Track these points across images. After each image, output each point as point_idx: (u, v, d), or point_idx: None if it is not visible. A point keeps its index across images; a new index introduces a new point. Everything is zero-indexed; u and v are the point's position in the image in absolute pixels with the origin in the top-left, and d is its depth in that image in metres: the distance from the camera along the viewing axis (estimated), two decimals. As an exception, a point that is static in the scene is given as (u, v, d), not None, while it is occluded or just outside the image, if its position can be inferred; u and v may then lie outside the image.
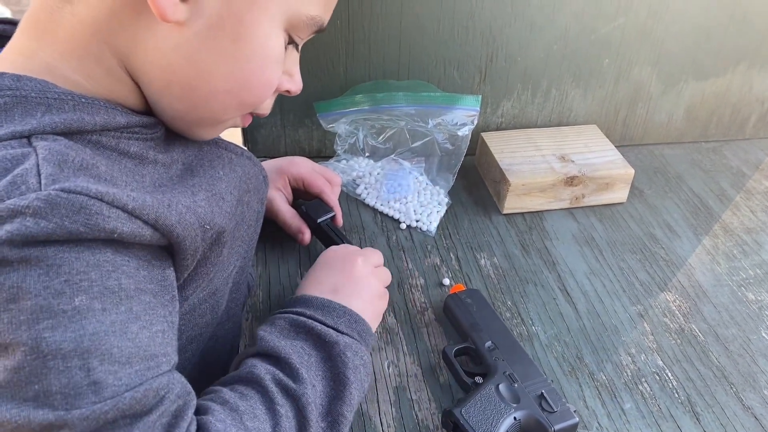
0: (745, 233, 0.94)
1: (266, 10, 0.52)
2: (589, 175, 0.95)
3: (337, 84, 0.99)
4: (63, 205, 0.43)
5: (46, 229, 0.42)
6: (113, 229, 0.45)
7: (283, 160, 0.89)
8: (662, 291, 0.84)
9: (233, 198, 0.60)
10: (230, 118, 0.59)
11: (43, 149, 0.45)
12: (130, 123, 0.53)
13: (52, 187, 0.43)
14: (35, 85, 0.49)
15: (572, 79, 1.04)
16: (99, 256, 0.45)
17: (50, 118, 0.48)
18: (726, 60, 1.07)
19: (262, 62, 0.55)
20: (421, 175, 0.98)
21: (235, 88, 0.55)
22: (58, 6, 0.50)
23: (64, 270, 0.43)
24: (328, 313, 0.64)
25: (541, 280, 0.85)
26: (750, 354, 0.76)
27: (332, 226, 0.85)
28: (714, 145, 1.15)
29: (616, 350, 0.76)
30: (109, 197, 0.45)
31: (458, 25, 0.95)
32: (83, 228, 0.44)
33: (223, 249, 0.59)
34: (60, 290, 0.43)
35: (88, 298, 0.44)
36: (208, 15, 0.51)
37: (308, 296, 0.67)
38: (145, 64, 0.52)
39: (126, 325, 0.45)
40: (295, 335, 0.62)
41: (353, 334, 0.63)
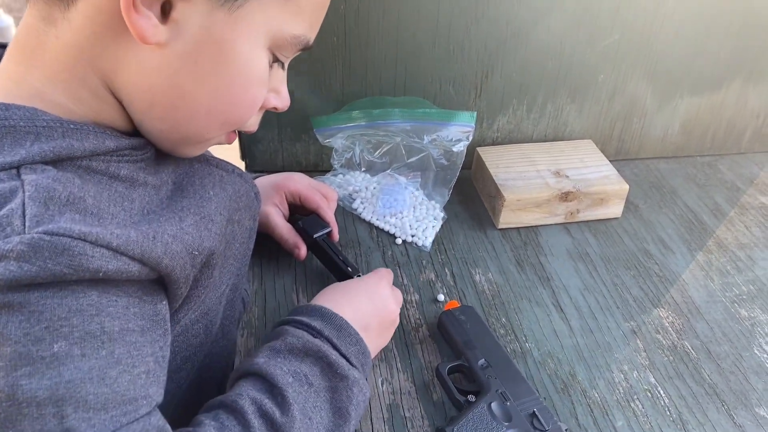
0: (738, 249, 0.95)
1: (247, 31, 0.53)
2: (583, 190, 0.95)
3: (334, 99, 1.00)
4: (46, 248, 0.43)
5: (29, 273, 0.42)
6: (98, 268, 0.45)
7: (279, 175, 0.90)
8: (655, 307, 0.84)
9: (223, 218, 0.60)
10: (214, 136, 0.59)
11: (30, 185, 0.46)
12: (119, 146, 0.53)
13: (35, 229, 0.43)
14: (24, 113, 0.49)
15: (567, 94, 1.05)
16: (83, 300, 0.45)
17: (39, 147, 0.48)
18: (721, 75, 1.07)
19: (244, 83, 0.55)
20: (417, 190, 0.99)
21: (217, 109, 0.55)
22: (44, 30, 0.51)
23: (46, 316, 0.43)
24: (343, 337, 0.64)
25: (536, 296, 0.85)
26: (742, 371, 0.76)
27: (328, 242, 0.86)
28: (709, 159, 1.16)
29: (608, 367, 0.76)
30: (93, 237, 0.45)
31: (454, 42, 0.96)
32: (67, 270, 0.44)
33: (214, 271, 0.60)
34: (40, 337, 0.43)
35: (67, 344, 0.44)
36: (189, 36, 0.51)
37: (328, 311, 0.65)
38: (128, 85, 0.53)
39: (105, 370, 0.45)
40: (303, 357, 0.60)
41: (360, 368, 0.63)
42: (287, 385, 0.57)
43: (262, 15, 0.53)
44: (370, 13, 0.93)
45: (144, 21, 0.48)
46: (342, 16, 0.93)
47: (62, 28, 0.51)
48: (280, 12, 0.54)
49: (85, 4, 0.49)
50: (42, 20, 0.51)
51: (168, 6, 0.50)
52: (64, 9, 0.50)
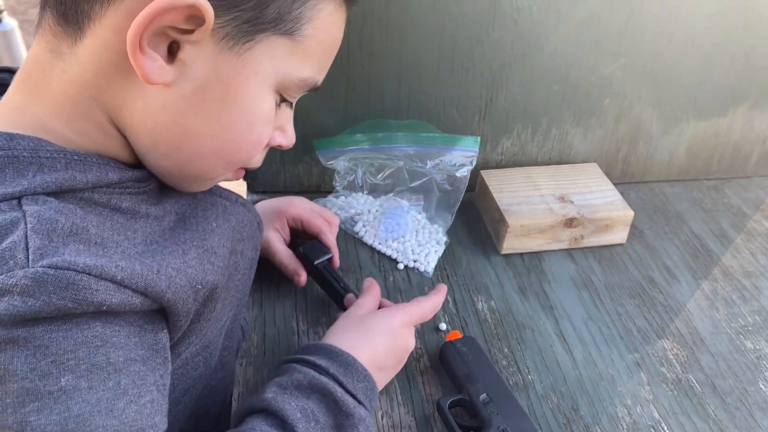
0: (744, 277, 0.94)
1: (254, 73, 0.52)
2: (588, 216, 0.94)
3: (337, 121, 0.99)
4: (50, 282, 0.43)
5: (33, 308, 0.42)
6: (102, 302, 0.45)
7: (281, 200, 0.89)
8: (660, 338, 0.83)
9: (226, 250, 0.60)
10: (218, 175, 0.59)
11: (33, 216, 0.45)
12: (122, 179, 0.53)
13: (39, 263, 0.43)
14: (27, 143, 0.49)
15: (572, 118, 1.04)
16: (87, 332, 0.45)
17: (42, 178, 0.48)
18: (728, 100, 1.06)
19: (250, 124, 0.55)
20: (419, 214, 0.98)
21: (221, 150, 0.55)
22: (50, 63, 0.51)
23: (52, 350, 0.43)
24: (349, 374, 0.63)
25: (539, 325, 0.84)
26: (747, 407, 0.75)
27: (329, 268, 0.85)
28: (715, 182, 1.15)
29: (612, 401, 0.75)
30: (97, 270, 0.45)
31: (458, 65, 0.95)
32: (71, 304, 0.43)
33: (216, 304, 0.59)
34: (47, 371, 0.43)
35: (74, 377, 0.44)
36: (196, 78, 0.50)
37: (335, 348, 0.64)
38: (133, 123, 0.52)
39: (112, 402, 0.45)
40: (309, 394, 0.60)
41: (367, 404, 0.62)
42: (297, 420, 0.56)
43: (270, 58, 0.52)
44: (374, 34, 0.92)
45: (149, 62, 0.48)
46: (346, 37, 0.91)
47: (69, 62, 0.50)
48: (288, 55, 0.53)
49: (93, 40, 0.49)
50: (49, 52, 0.51)
51: (175, 46, 0.49)
52: (72, 44, 0.50)
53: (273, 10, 0.50)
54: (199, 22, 0.48)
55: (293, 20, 0.52)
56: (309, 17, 0.53)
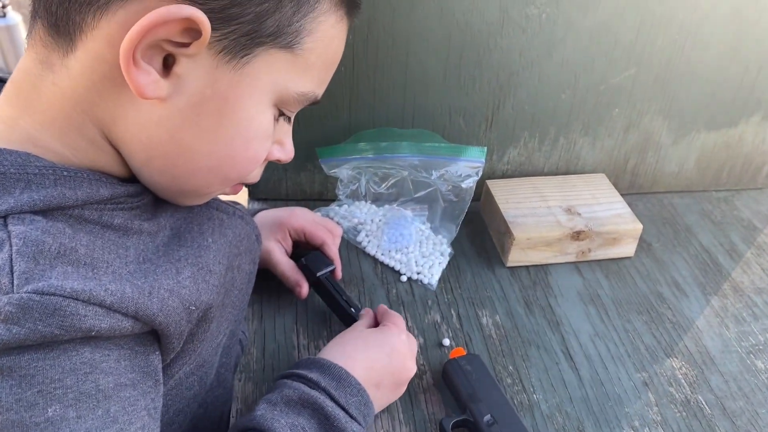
0: (755, 294, 0.92)
1: (252, 88, 0.50)
2: (596, 229, 0.93)
3: (341, 130, 0.97)
4: (36, 309, 0.41)
5: (18, 335, 0.40)
6: (90, 327, 0.43)
7: (283, 211, 0.87)
8: (668, 357, 0.81)
9: (222, 267, 0.58)
10: (215, 191, 0.58)
11: (18, 238, 0.43)
12: (114, 194, 0.51)
13: (24, 288, 0.41)
14: (15, 159, 0.47)
15: (581, 127, 1.02)
16: (75, 359, 0.43)
17: (29, 196, 0.46)
18: (739, 111, 1.04)
19: (247, 140, 0.53)
20: (423, 225, 0.96)
21: (217, 166, 0.53)
22: (41, 75, 0.49)
23: (38, 380, 0.41)
24: (342, 388, 0.62)
25: (544, 342, 0.82)
26: (758, 430, 0.73)
27: (331, 280, 0.83)
28: (725, 194, 1.13)
29: (618, 423, 0.73)
30: (85, 295, 0.43)
31: (465, 73, 0.93)
32: (58, 330, 0.42)
33: (211, 324, 0.58)
34: (33, 402, 0.41)
35: (62, 407, 0.42)
36: (192, 92, 0.48)
37: (326, 362, 0.64)
38: (126, 137, 0.50)
39: (102, 431, 0.44)
40: (300, 410, 0.60)
41: (360, 419, 0.61)
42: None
43: (269, 72, 0.50)
44: (380, 43, 0.90)
45: (143, 76, 0.46)
46: (351, 45, 0.90)
47: (60, 74, 0.48)
48: (287, 69, 0.51)
49: (85, 53, 0.47)
50: (40, 64, 0.49)
51: (171, 59, 0.47)
52: (63, 55, 0.48)
53: (272, 23, 0.48)
54: (195, 35, 0.46)
55: (293, 33, 0.50)
56: (309, 30, 0.51)
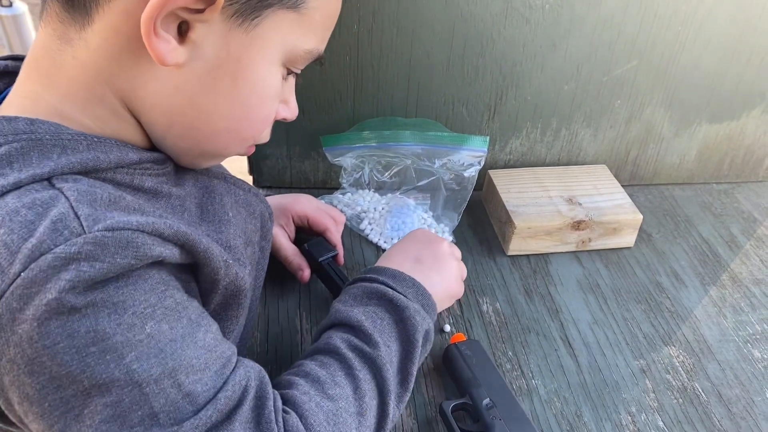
0: (753, 285, 0.93)
1: (264, 49, 0.53)
2: (596, 219, 0.93)
3: (345, 118, 0.98)
4: (111, 244, 0.44)
5: (102, 270, 0.43)
6: (159, 254, 0.47)
7: (287, 197, 0.88)
8: (666, 345, 0.83)
9: (240, 242, 0.60)
10: (233, 152, 0.60)
11: (71, 191, 0.46)
12: (142, 159, 0.54)
13: (95, 228, 0.44)
14: (48, 127, 0.49)
15: (583, 118, 1.02)
16: (150, 281, 0.47)
17: (66, 159, 0.48)
18: (741, 104, 1.05)
19: (261, 99, 0.56)
20: (425, 213, 0.97)
21: (235, 126, 0.56)
22: (60, 50, 0.51)
23: (129, 304, 0.45)
24: (398, 281, 0.69)
25: (544, 329, 0.83)
26: (753, 417, 0.74)
27: (333, 266, 0.84)
28: (726, 187, 1.13)
29: (616, 408, 0.74)
30: (149, 227, 0.46)
31: (468, 63, 0.94)
32: (134, 260, 0.45)
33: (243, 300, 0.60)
34: (131, 323, 0.45)
35: (155, 322, 0.46)
36: (207, 57, 0.51)
37: (380, 267, 0.72)
38: (147, 105, 0.53)
39: (193, 335, 0.49)
40: (368, 300, 0.67)
41: (417, 304, 0.68)
42: (362, 321, 0.64)
43: (278, 32, 0.53)
44: (384, 33, 0.91)
45: (164, 44, 0.48)
46: (355, 35, 0.91)
47: (78, 47, 0.50)
48: (294, 29, 0.54)
49: (102, 25, 0.49)
50: (57, 39, 0.51)
51: (185, 26, 0.49)
52: (80, 29, 0.50)
53: None
54: (209, 1, 0.48)
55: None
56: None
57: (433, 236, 0.80)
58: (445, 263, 0.76)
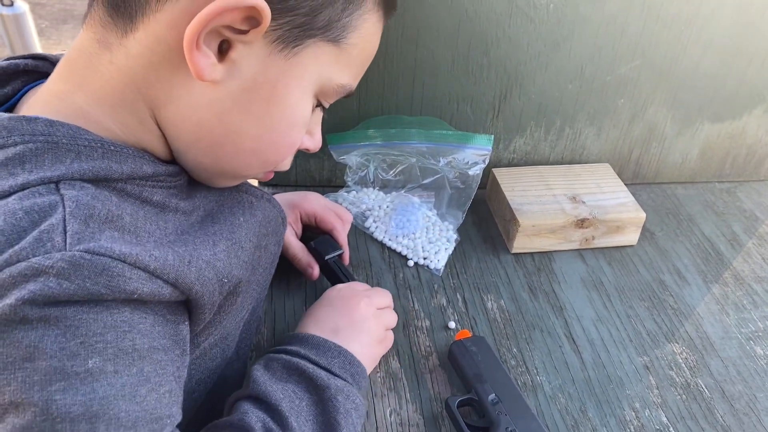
0: (755, 282, 0.93)
1: (300, 78, 0.54)
2: (599, 217, 0.94)
3: (350, 116, 0.99)
4: (86, 267, 0.43)
5: (68, 290, 0.43)
6: (134, 290, 0.46)
7: (296, 194, 0.89)
8: (669, 342, 0.83)
9: (251, 245, 0.61)
10: (252, 175, 0.61)
11: (71, 201, 0.46)
12: (156, 172, 0.54)
13: (76, 247, 0.44)
14: (67, 131, 0.49)
15: (586, 117, 1.03)
16: (117, 317, 0.46)
17: (79, 165, 0.49)
18: (743, 103, 1.06)
19: (290, 126, 0.56)
20: (430, 211, 0.98)
21: (260, 149, 0.56)
22: (97, 54, 0.51)
23: (81, 332, 0.44)
24: (322, 353, 0.65)
25: (548, 326, 0.84)
26: (756, 413, 0.75)
27: (339, 264, 0.85)
28: (728, 185, 1.14)
29: (620, 404, 0.75)
30: (132, 258, 0.45)
31: (473, 62, 0.95)
32: (104, 290, 0.44)
33: (238, 298, 0.60)
34: (75, 352, 0.43)
35: (101, 360, 0.44)
36: (244, 78, 0.52)
37: (304, 334, 0.68)
38: (176, 118, 0.53)
39: (135, 388, 0.46)
40: (287, 377, 0.63)
41: (346, 377, 0.64)
42: (280, 401, 0.59)
43: (316, 63, 0.54)
44: (389, 31, 0.92)
45: (203, 59, 0.49)
46: (361, 34, 0.91)
47: (118, 53, 0.51)
48: (331, 62, 0.55)
49: (145, 34, 0.50)
50: (96, 43, 0.51)
51: (226, 45, 0.50)
52: (122, 35, 0.50)
53: (324, 17, 0.52)
54: (254, 23, 0.49)
55: (341, 28, 0.54)
56: (355, 26, 0.55)
57: (347, 296, 0.74)
58: (365, 327, 0.71)
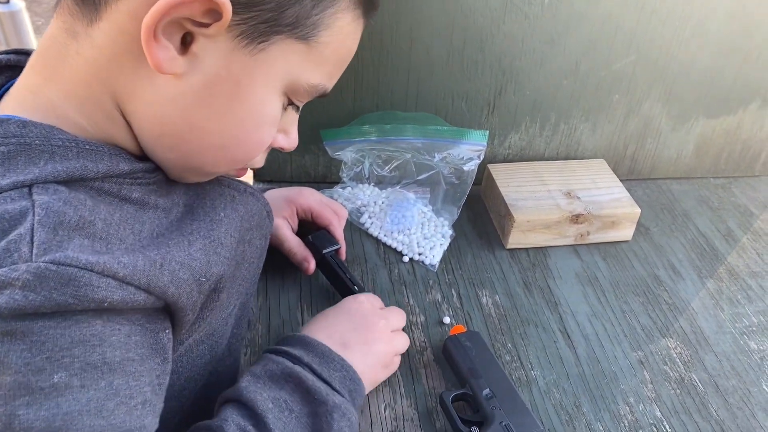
0: (750, 277, 0.94)
1: (266, 74, 0.52)
2: (594, 213, 0.94)
3: (345, 112, 0.99)
4: (52, 278, 0.42)
5: (34, 302, 0.42)
6: (103, 298, 0.45)
7: (291, 190, 0.89)
8: (663, 337, 0.83)
9: (233, 240, 0.60)
10: (220, 171, 0.59)
11: (41, 208, 0.45)
12: (133, 170, 0.53)
13: (42, 258, 0.43)
14: (40, 131, 0.49)
15: (581, 113, 1.03)
16: (86, 330, 0.45)
17: (53, 167, 0.48)
18: (738, 99, 1.06)
19: (255, 124, 0.55)
20: (425, 207, 0.98)
21: (225, 146, 0.55)
22: (66, 43, 0.51)
23: (48, 346, 0.43)
24: (325, 363, 0.64)
25: (543, 321, 0.84)
26: (749, 407, 0.75)
27: (336, 259, 0.85)
28: (723, 181, 1.14)
29: (614, 399, 0.75)
30: (99, 267, 0.44)
31: (468, 58, 0.95)
32: (72, 300, 0.43)
33: (221, 294, 0.59)
34: (41, 367, 0.42)
35: (67, 375, 0.43)
36: (207, 72, 0.50)
37: (311, 339, 0.66)
38: (140, 112, 0.52)
39: (103, 402, 0.45)
40: (282, 384, 0.61)
41: (344, 393, 0.63)
42: (267, 410, 0.58)
43: (283, 61, 0.52)
44: (384, 27, 0.92)
45: (162, 51, 0.48)
46: (356, 30, 0.91)
47: (84, 43, 0.50)
48: (301, 60, 0.53)
49: (109, 24, 0.49)
50: (65, 32, 0.51)
51: (189, 38, 0.49)
52: (87, 25, 0.50)
53: (292, 14, 0.50)
54: (216, 16, 0.48)
55: (310, 26, 0.52)
56: (326, 24, 0.53)
57: (367, 313, 0.72)
58: (376, 350, 0.70)
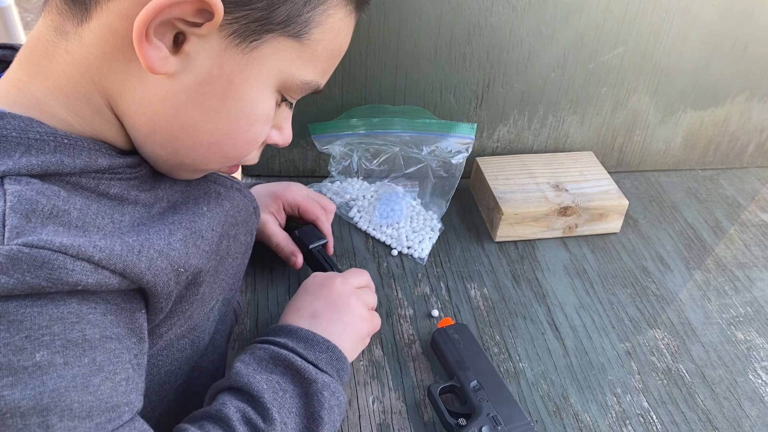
0: (737, 268, 0.94)
1: (258, 72, 0.52)
2: (582, 205, 0.94)
3: (333, 106, 0.98)
4: (24, 261, 0.43)
5: (6, 285, 0.42)
6: (77, 282, 0.45)
7: (278, 185, 0.89)
8: (651, 328, 0.84)
9: (214, 234, 0.60)
10: (213, 168, 0.59)
11: (13, 195, 0.45)
12: (112, 165, 0.53)
13: (14, 241, 0.43)
14: (18, 123, 0.48)
15: (569, 105, 1.03)
16: (63, 308, 0.45)
17: (27, 160, 0.47)
18: (726, 90, 1.06)
19: (248, 122, 0.55)
20: (414, 200, 0.98)
21: (218, 143, 0.55)
22: (54, 42, 0.51)
23: (26, 326, 0.43)
24: (310, 346, 0.65)
25: (531, 313, 0.85)
26: (736, 397, 0.76)
27: (323, 253, 0.85)
28: (711, 173, 1.15)
29: (602, 390, 0.76)
30: (74, 250, 0.44)
31: (455, 51, 0.95)
32: (45, 282, 0.43)
33: (201, 288, 0.59)
34: (21, 346, 0.42)
35: (49, 352, 0.43)
36: (199, 71, 0.51)
37: (293, 327, 0.67)
38: (131, 110, 0.52)
39: (88, 378, 0.45)
40: (272, 368, 0.62)
41: (332, 372, 0.64)
42: (263, 391, 0.58)
43: (275, 59, 0.52)
44: (371, 21, 0.91)
45: (154, 51, 0.48)
46: (343, 23, 0.91)
47: (73, 42, 0.50)
48: (293, 57, 0.53)
49: (99, 24, 0.49)
50: (53, 31, 0.51)
51: (181, 37, 0.49)
52: (77, 24, 0.50)
53: (283, 12, 0.50)
54: (208, 16, 0.48)
55: (302, 23, 0.52)
56: (318, 21, 0.53)
57: (323, 279, 0.73)
58: (343, 306, 0.70)
